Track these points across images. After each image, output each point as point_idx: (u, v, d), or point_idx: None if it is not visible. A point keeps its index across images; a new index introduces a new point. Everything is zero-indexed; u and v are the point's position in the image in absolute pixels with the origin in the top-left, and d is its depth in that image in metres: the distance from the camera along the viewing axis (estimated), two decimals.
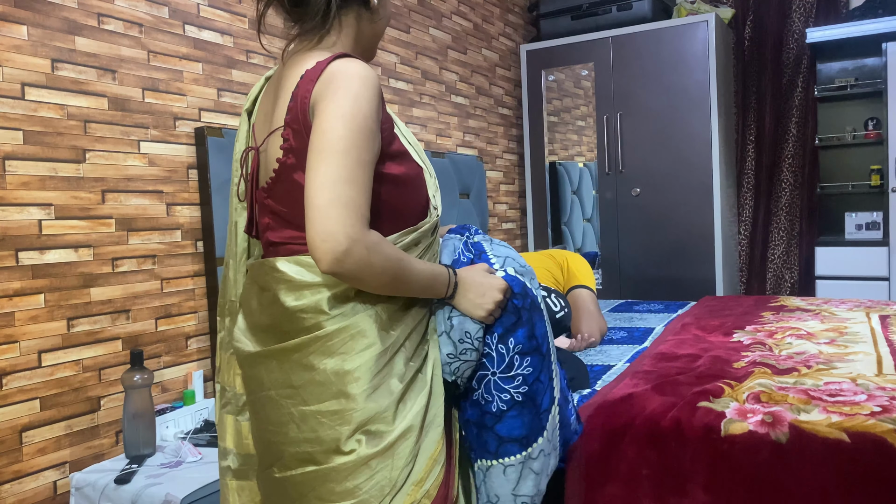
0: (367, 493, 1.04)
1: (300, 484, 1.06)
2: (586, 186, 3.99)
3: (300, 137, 1.04)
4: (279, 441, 1.08)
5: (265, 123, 1.15)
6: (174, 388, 2.01)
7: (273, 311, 1.09)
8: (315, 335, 1.05)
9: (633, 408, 1.59)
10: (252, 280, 1.15)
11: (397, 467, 1.06)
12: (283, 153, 1.06)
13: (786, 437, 1.40)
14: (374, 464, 1.04)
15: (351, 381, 1.04)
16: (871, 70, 3.74)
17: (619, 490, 1.51)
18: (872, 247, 3.43)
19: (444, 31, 3.34)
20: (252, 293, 1.15)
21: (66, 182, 1.76)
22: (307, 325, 1.05)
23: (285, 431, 1.07)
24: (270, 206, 1.11)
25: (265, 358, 1.09)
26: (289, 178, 1.06)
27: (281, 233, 1.11)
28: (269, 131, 1.11)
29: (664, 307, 3.06)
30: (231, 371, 1.25)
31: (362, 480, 1.04)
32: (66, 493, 1.73)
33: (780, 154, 3.99)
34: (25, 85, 1.68)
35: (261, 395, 1.11)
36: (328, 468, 1.04)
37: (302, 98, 1.03)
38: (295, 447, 1.06)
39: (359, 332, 1.06)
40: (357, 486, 1.04)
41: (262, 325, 1.11)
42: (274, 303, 1.08)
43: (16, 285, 1.65)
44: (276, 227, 1.12)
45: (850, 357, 1.89)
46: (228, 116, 2.20)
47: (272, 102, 1.13)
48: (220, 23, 2.18)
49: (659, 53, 3.60)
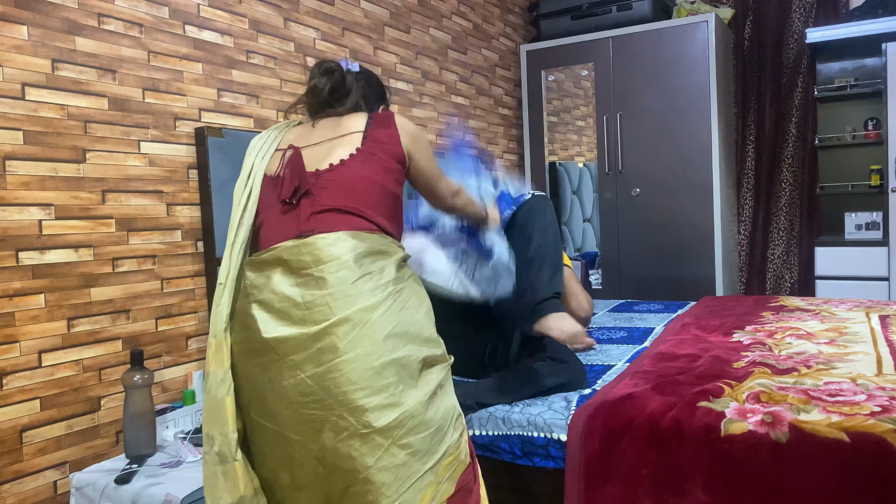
0: (442, 419, 1.30)
1: (386, 431, 1.21)
2: (586, 186, 3.99)
3: (383, 141, 1.42)
4: (358, 397, 1.20)
5: (306, 140, 1.47)
6: (174, 388, 2.01)
7: (331, 279, 1.25)
8: (394, 290, 1.29)
9: (632, 408, 1.59)
10: (283, 267, 1.29)
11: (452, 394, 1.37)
12: (364, 143, 1.41)
13: (786, 437, 1.40)
14: (441, 393, 1.32)
15: (424, 331, 1.32)
16: (870, 70, 3.74)
17: (619, 489, 1.51)
18: (872, 247, 3.43)
19: (444, 31, 3.35)
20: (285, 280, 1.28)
21: (66, 182, 1.76)
22: (383, 282, 1.28)
23: (368, 385, 1.21)
24: (327, 182, 1.36)
25: (338, 325, 1.22)
26: (366, 161, 1.39)
27: (329, 201, 1.34)
28: (324, 138, 1.44)
29: (664, 307, 3.06)
30: (210, 355, 1.31)
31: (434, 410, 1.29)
32: (67, 493, 1.73)
33: (780, 154, 3.99)
34: (26, 85, 1.68)
35: (336, 362, 1.21)
36: (416, 405, 1.25)
37: (385, 125, 1.45)
38: (378, 396, 1.21)
39: (416, 293, 1.35)
40: (433, 416, 1.28)
41: (308, 300, 1.24)
42: (335, 270, 1.25)
43: (16, 285, 1.65)
44: (324, 198, 1.34)
45: (850, 357, 1.89)
46: (228, 116, 2.20)
47: (320, 136, 1.46)
48: (220, 23, 2.18)
49: (659, 53, 3.60)
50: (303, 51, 2.50)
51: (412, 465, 1.22)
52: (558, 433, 1.64)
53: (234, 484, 1.27)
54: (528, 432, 1.69)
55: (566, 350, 1.92)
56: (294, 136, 1.49)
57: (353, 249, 1.27)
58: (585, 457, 1.55)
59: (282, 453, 1.27)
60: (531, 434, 1.68)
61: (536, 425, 1.68)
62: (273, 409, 1.26)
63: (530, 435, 1.68)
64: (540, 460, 1.67)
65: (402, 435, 1.22)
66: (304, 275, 1.26)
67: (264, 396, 1.27)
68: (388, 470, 1.20)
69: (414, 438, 1.23)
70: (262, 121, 2.32)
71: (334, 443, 1.21)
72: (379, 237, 1.34)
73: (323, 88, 1.50)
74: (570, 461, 1.56)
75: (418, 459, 1.23)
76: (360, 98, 1.53)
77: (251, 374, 1.29)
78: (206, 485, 1.31)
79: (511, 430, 1.71)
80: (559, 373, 1.85)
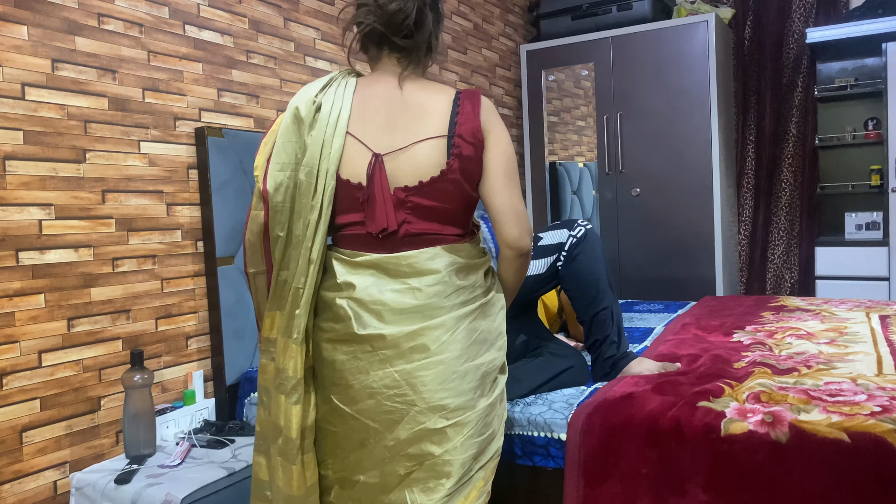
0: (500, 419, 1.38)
1: (458, 428, 1.28)
2: (586, 186, 3.99)
3: (471, 148, 1.30)
4: (441, 397, 1.27)
5: (385, 133, 1.31)
6: (174, 388, 2.01)
7: (428, 292, 1.28)
8: (482, 302, 1.34)
9: (632, 407, 1.59)
10: (380, 271, 1.30)
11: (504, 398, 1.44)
12: (452, 158, 1.29)
13: (786, 436, 1.40)
14: (502, 399, 1.40)
15: (501, 337, 1.38)
16: (871, 70, 3.74)
17: (618, 489, 1.51)
18: (872, 247, 3.42)
19: (444, 31, 3.34)
20: (382, 284, 1.30)
21: (66, 182, 1.76)
22: (474, 295, 1.33)
23: (454, 387, 1.27)
24: (415, 203, 1.30)
25: (432, 329, 1.27)
26: (453, 179, 1.30)
27: (421, 225, 1.31)
28: (408, 141, 1.30)
29: (664, 307, 3.06)
30: (286, 354, 1.31)
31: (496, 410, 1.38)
32: (67, 493, 1.73)
33: (780, 154, 3.98)
34: (26, 85, 1.68)
35: (427, 361, 1.27)
36: (485, 407, 1.32)
37: (471, 120, 1.30)
38: (460, 398, 1.28)
39: (497, 300, 1.39)
40: (493, 420, 1.36)
41: (403, 307, 1.28)
42: (432, 284, 1.29)
43: (16, 285, 1.65)
44: (414, 220, 1.31)
45: (850, 357, 1.89)
46: (228, 116, 2.20)
47: (390, 114, 1.32)
48: (220, 23, 2.18)
49: (659, 53, 3.60)
50: (303, 51, 2.50)
51: (470, 462, 1.30)
52: (558, 433, 1.64)
53: (290, 480, 1.33)
54: (528, 432, 1.69)
55: (565, 345, 1.99)
56: (361, 106, 1.33)
57: (450, 265, 1.31)
58: (584, 455, 1.55)
59: (356, 437, 1.32)
60: (531, 434, 1.68)
61: (536, 425, 1.68)
62: (356, 395, 1.30)
63: (530, 434, 1.68)
64: (540, 460, 1.67)
65: (469, 434, 1.29)
66: (402, 283, 1.29)
67: (350, 383, 1.30)
68: (452, 463, 1.28)
69: (478, 439, 1.31)
70: (262, 121, 2.32)
71: (409, 435, 1.28)
72: (471, 247, 1.36)
73: (406, 18, 1.29)
74: (570, 459, 1.56)
75: (475, 458, 1.31)
76: (431, 39, 1.36)
77: (337, 360, 1.32)
78: (259, 474, 1.36)
79: (511, 430, 1.71)
80: (566, 357, 1.91)
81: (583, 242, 1.90)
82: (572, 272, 1.89)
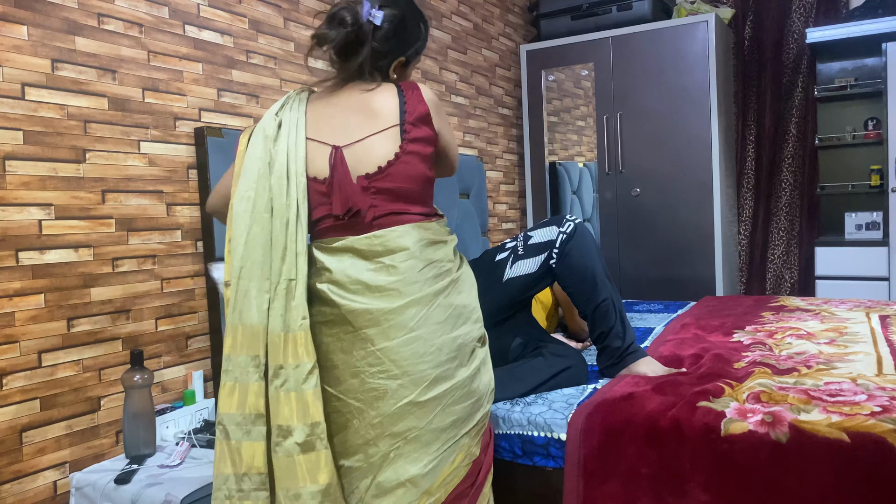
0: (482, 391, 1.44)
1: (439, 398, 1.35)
2: (586, 186, 3.99)
3: (420, 130, 1.42)
4: (422, 369, 1.34)
5: (341, 132, 1.42)
6: (174, 388, 2.01)
7: (401, 267, 1.36)
8: (453, 278, 1.42)
9: (632, 406, 1.59)
10: (355, 253, 1.37)
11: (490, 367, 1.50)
12: (405, 142, 1.40)
13: (786, 436, 1.40)
14: (483, 368, 1.46)
15: (475, 311, 1.46)
16: (871, 70, 3.74)
17: (618, 488, 1.51)
18: (872, 247, 3.43)
19: (444, 31, 3.35)
20: (358, 265, 1.37)
21: (66, 182, 1.76)
22: (445, 269, 1.41)
23: (431, 359, 1.34)
24: (378, 187, 1.39)
25: (409, 306, 1.35)
26: (408, 161, 1.40)
27: (388, 206, 1.40)
28: (363, 135, 1.41)
29: (664, 307, 3.06)
30: (287, 350, 1.32)
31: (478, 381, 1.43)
32: (66, 493, 1.73)
33: (780, 154, 3.99)
34: (25, 85, 1.68)
35: (406, 338, 1.34)
36: (465, 377, 1.39)
37: (418, 107, 1.43)
38: (438, 369, 1.35)
39: (467, 276, 1.48)
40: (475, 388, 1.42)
41: (379, 284, 1.35)
42: (405, 260, 1.36)
43: (16, 285, 1.65)
44: (381, 203, 1.39)
45: (850, 357, 1.89)
46: (228, 116, 2.20)
47: (344, 116, 1.43)
48: (220, 23, 2.18)
49: (659, 53, 3.60)
50: (303, 51, 2.50)
51: (453, 430, 1.37)
52: (558, 432, 1.64)
53: (318, 471, 1.31)
54: (528, 431, 1.69)
55: (564, 345, 1.99)
56: (316, 116, 1.45)
57: (419, 241, 1.39)
58: (584, 454, 1.55)
59: (339, 419, 1.36)
60: (531, 433, 1.68)
61: (536, 424, 1.68)
62: (340, 375, 1.36)
63: (530, 434, 1.68)
64: (540, 459, 1.67)
65: (450, 403, 1.37)
66: (377, 262, 1.37)
67: (335, 364, 1.37)
68: (434, 432, 1.35)
69: (458, 407, 1.38)
70: None
71: (393, 409, 1.33)
72: (437, 225, 1.46)
73: (333, 45, 1.43)
74: (569, 459, 1.56)
75: (458, 425, 1.38)
76: (373, 62, 1.46)
77: (323, 342, 1.37)
78: (279, 476, 1.32)
79: (511, 430, 1.71)
80: (565, 356, 1.91)
81: (573, 237, 1.91)
82: (567, 268, 1.90)
